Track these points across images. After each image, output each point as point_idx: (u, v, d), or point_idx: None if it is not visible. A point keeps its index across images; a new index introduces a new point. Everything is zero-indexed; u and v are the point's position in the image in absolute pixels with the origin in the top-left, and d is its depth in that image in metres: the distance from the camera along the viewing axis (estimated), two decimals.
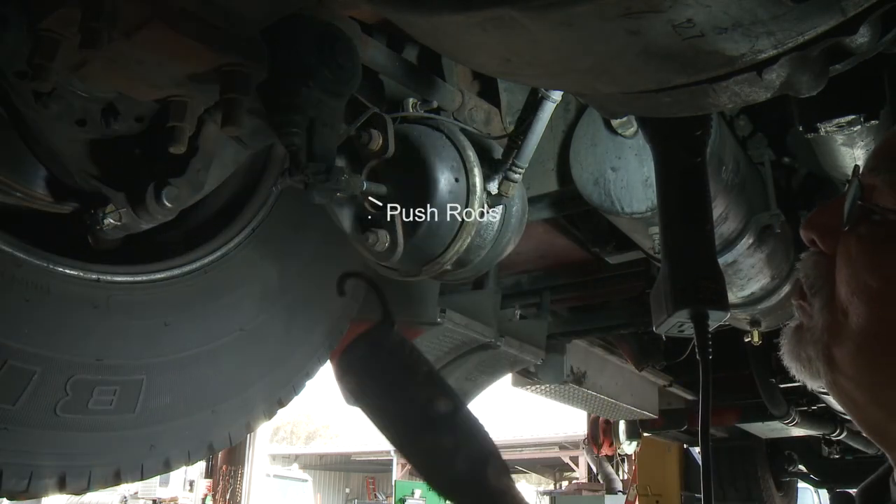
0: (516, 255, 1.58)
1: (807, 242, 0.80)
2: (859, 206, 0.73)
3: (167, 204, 1.18)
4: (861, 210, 0.73)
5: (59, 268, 1.12)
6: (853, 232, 0.73)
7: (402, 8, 0.67)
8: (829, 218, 0.77)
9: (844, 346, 0.73)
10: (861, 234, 0.72)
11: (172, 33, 0.96)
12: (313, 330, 1.51)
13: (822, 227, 0.78)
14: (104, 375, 1.15)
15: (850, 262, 0.73)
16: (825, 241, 0.77)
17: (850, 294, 0.72)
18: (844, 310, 0.73)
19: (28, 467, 1.08)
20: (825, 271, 0.76)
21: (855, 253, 0.72)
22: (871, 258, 0.71)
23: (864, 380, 0.73)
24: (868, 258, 0.71)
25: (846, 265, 0.73)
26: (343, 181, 1.24)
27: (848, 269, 0.73)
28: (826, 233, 0.77)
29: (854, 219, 0.73)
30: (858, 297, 0.71)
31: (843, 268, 0.74)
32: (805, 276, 0.79)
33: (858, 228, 0.73)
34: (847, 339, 0.72)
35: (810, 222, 0.79)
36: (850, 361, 0.73)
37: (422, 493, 17.98)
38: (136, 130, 1.23)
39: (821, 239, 0.78)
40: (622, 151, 1.62)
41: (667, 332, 1.05)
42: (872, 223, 0.72)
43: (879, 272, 0.70)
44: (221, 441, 1.39)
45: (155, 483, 16.41)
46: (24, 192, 1.22)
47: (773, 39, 0.62)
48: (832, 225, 0.76)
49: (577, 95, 1.16)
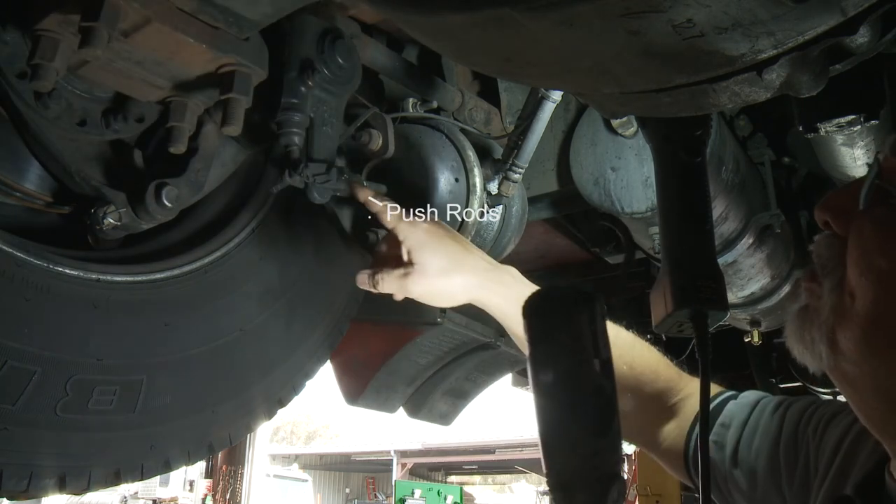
0: (516, 255, 1.58)
1: (821, 224, 0.80)
2: (877, 187, 0.73)
3: (167, 204, 1.18)
4: (878, 191, 0.73)
5: (59, 268, 1.12)
6: (868, 214, 0.73)
7: (402, 8, 0.67)
8: (845, 200, 0.77)
9: (849, 328, 0.73)
10: (876, 215, 0.73)
11: (172, 33, 0.96)
12: (313, 330, 1.51)
13: (837, 208, 0.78)
14: (104, 375, 1.15)
15: (862, 243, 0.73)
16: (839, 222, 0.77)
17: (858, 275, 0.72)
18: (852, 291, 0.73)
19: (28, 467, 1.08)
20: (837, 252, 0.76)
21: (868, 234, 0.73)
22: (883, 239, 0.71)
23: (867, 365, 0.73)
24: (880, 239, 0.72)
25: (858, 246, 0.74)
26: (343, 181, 1.24)
27: (859, 249, 0.73)
28: (840, 214, 0.77)
29: (871, 200, 0.73)
30: (867, 277, 0.71)
31: (854, 249, 0.74)
32: (818, 255, 0.79)
33: (874, 210, 0.73)
34: (853, 322, 0.72)
35: (826, 204, 0.80)
36: (853, 345, 0.73)
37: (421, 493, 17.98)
38: (137, 131, 1.23)
39: (835, 220, 0.78)
40: (622, 151, 1.62)
41: (666, 332, 1.05)
42: (888, 206, 0.73)
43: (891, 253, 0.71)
44: (221, 441, 1.38)
45: (155, 483, 16.42)
46: (24, 192, 1.23)
47: (773, 39, 0.62)
48: (847, 207, 0.76)
49: (577, 95, 1.16)
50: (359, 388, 1.87)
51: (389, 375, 1.86)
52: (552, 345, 0.73)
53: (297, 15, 1.17)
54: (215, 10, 0.98)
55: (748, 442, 1.09)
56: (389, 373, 1.85)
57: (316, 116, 1.20)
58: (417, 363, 1.88)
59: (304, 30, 1.19)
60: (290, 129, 1.16)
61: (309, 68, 1.17)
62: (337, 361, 1.90)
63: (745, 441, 1.10)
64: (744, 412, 1.14)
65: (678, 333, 1.05)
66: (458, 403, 2.15)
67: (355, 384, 1.87)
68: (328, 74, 1.20)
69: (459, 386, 2.08)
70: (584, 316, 0.71)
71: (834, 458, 0.93)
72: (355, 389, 1.88)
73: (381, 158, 1.36)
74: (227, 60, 1.03)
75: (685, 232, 1.05)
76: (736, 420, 1.13)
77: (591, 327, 0.71)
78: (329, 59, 1.20)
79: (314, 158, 1.19)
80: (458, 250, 1.19)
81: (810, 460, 0.99)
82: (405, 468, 24.00)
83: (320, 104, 1.20)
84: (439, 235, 1.19)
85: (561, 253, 2.40)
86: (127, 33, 0.96)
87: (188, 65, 1.04)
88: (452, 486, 20.94)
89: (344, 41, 1.23)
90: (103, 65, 1.02)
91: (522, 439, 22.96)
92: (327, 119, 1.21)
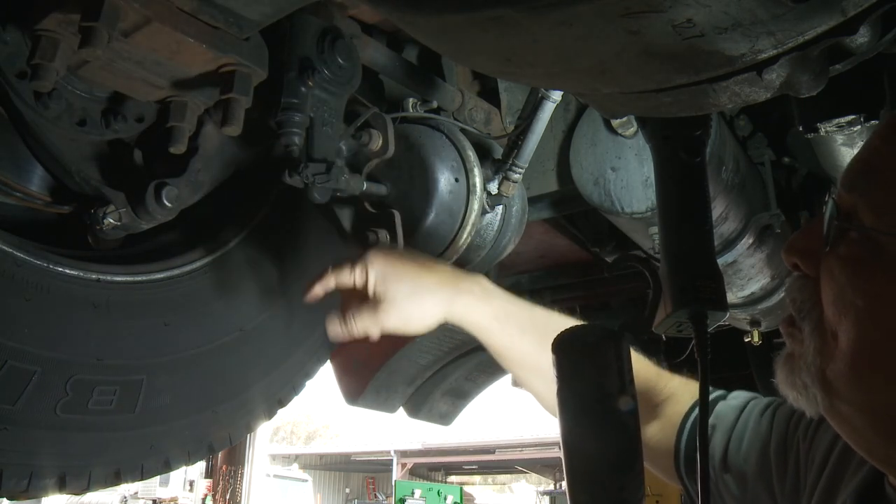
0: (516, 255, 1.58)
1: (790, 267, 0.79)
2: (836, 227, 0.72)
3: (167, 204, 1.18)
4: (839, 230, 0.72)
5: (59, 268, 1.12)
6: (834, 252, 0.72)
7: (402, 8, 0.67)
8: (809, 241, 0.76)
9: (837, 368, 0.71)
10: (842, 253, 0.71)
11: (172, 33, 0.96)
12: (313, 330, 1.51)
13: (803, 250, 0.77)
14: (104, 375, 1.16)
15: (834, 283, 0.72)
16: (807, 264, 0.76)
17: (837, 315, 0.71)
18: (833, 331, 0.72)
19: (28, 467, 1.08)
20: (812, 293, 0.75)
21: (838, 273, 0.71)
22: (854, 277, 0.70)
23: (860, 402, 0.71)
24: (851, 278, 0.70)
25: (830, 286, 0.72)
26: (343, 181, 1.24)
27: (833, 290, 0.72)
28: (807, 255, 0.76)
29: (833, 239, 0.72)
30: (846, 317, 0.70)
31: (827, 289, 0.73)
32: (792, 300, 0.78)
33: (839, 248, 0.72)
34: (839, 361, 0.71)
35: (790, 246, 0.79)
36: (844, 384, 0.71)
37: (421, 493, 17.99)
38: (137, 131, 1.23)
39: (803, 262, 0.77)
40: (622, 151, 1.62)
41: (666, 332, 1.05)
42: (852, 242, 0.71)
43: (863, 290, 0.69)
44: (221, 441, 1.39)
45: (155, 483, 16.41)
46: (24, 192, 1.23)
47: (773, 39, 0.62)
48: (813, 247, 0.75)
49: (577, 95, 1.16)
50: (359, 388, 1.87)
51: (389, 375, 1.86)
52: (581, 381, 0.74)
53: (297, 15, 1.17)
54: (215, 10, 0.98)
55: (737, 445, 1.08)
56: (389, 373, 1.85)
57: (316, 116, 1.20)
58: (417, 363, 1.88)
59: (303, 30, 1.19)
60: (290, 129, 1.16)
61: (309, 68, 1.17)
62: (337, 361, 1.90)
63: (734, 444, 1.09)
64: (732, 415, 1.13)
65: (678, 333, 1.05)
66: (458, 403, 2.15)
67: (355, 384, 1.87)
68: (328, 74, 1.20)
69: (459, 386, 2.08)
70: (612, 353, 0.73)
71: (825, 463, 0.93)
72: (355, 389, 1.88)
73: (382, 158, 1.36)
74: (228, 60, 1.03)
75: (685, 232, 1.05)
76: (723, 423, 1.13)
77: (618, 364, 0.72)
78: (329, 59, 1.20)
79: (314, 158, 1.19)
80: (419, 271, 1.14)
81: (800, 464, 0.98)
82: (405, 468, 24.00)
83: (320, 104, 1.20)
84: (395, 261, 1.14)
85: (561, 253, 2.40)
86: (127, 33, 0.96)
87: (188, 65, 1.04)
88: (452, 486, 20.95)
89: (344, 41, 1.23)
90: (103, 65, 1.02)
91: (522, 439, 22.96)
92: (327, 119, 1.21)
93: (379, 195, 1.38)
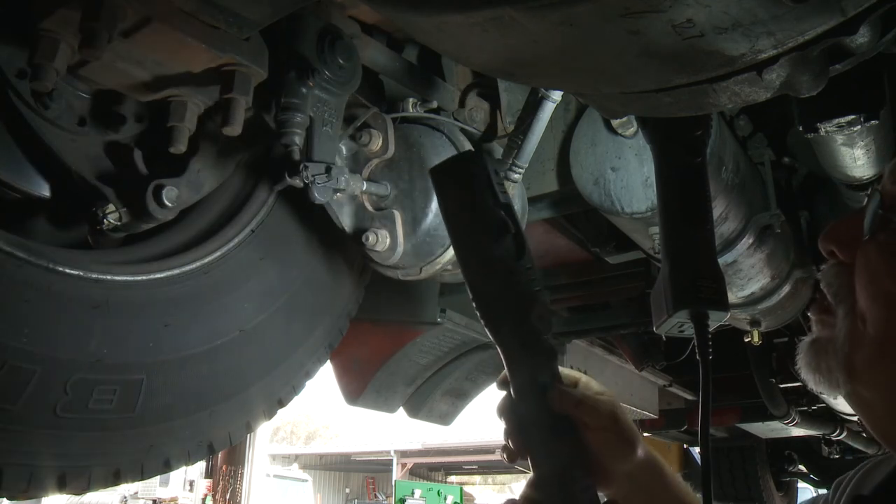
0: None
1: (825, 254, 0.82)
2: (880, 216, 0.75)
3: (167, 204, 1.17)
4: (882, 219, 0.75)
5: (59, 268, 1.11)
6: (872, 241, 0.75)
7: (402, 8, 0.67)
8: (847, 229, 0.79)
9: (864, 353, 0.74)
10: (880, 241, 0.74)
11: (172, 33, 0.96)
12: (313, 330, 1.51)
13: (841, 238, 0.80)
14: (104, 375, 1.15)
15: (870, 269, 0.75)
16: (844, 251, 0.79)
17: (868, 300, 0.74)
18: (863, 316, 0.74)
19: (28, 467, 1.08)
20: (847, 280, 0.78)
21: (874, 260, 0.74)
22: (889, 264, 0.73)
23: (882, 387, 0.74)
24: (887, 264, 0.73)
25: (866, 272, 0.75)
26: (343, 181, 1.24)
27: (867, 275, 0.75)
28: (845, 243, 0.79)
29: (874, 228, 0.75)
30: (876, 302, 0.73)
31: (862, 275, 0.75)
32: (828, 285, 0.81)
33: (878, 237, 0.75)
34: (866, 346, 0.74)
35: (829, 234, 0.81)
36: (868, 369, 0.74)
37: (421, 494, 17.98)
38: (137, 131, 1.23)
39: (840, 249, 0.80)
40: (622, 151, 1.62)
41: (667, 333, 1.05)
42: (891, 231, 0.74)
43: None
44: (221, 441, 1.38)
45: (155, 483, 16.39)
46: (24, 192, 1.22)
47: (773, 39, 0.62)
48: (850, 236, 0.78)
49: (577, 95, 1.16)
50: (359, 388, 1.87)
51: (389, 375, 1.86)
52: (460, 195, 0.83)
53: (297, 15, 1.17)
54: (215, 10, 0.98)
55: None
56: (389, 373, 1.85)
57: (316, 116, 1.20)
58: (417, 363, 1.88)
59: (303, 30, 1.19)
60: (291, 129, 1.16)
61: (309, 68, 1.17)
62: (337, 361, 1.90)
63: None
64: None
65: (679, 334, 1.05)
66: (458, 403, 2.15)
67: (355, 384, 1.88)
68: (328, 74, 1.20)
69: (459, 386, 2.08)
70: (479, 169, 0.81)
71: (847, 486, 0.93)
72: (355, 389, 1.88)
73: (381, 158, 1.36)
74: (228, 60, 1.03)
75: (685, 232, 1.05)
76: None
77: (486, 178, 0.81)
78: (329, 60, 1.20)
79: (314, 158, 1.19)
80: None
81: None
82: (405, 468, 23.99)
83: (320, 104, 1.20)
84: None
85: (561, 253, 2.40)
86: (127, 33, 0.96)
87: (188, 65, 1.04)
88: (452, 486, 20.93)
89: (344, 41, 1.23)
90: (103, 65, 1.01)
91: None
92: (327, 119, 1.21)
93: (379, 195, 1.38)
